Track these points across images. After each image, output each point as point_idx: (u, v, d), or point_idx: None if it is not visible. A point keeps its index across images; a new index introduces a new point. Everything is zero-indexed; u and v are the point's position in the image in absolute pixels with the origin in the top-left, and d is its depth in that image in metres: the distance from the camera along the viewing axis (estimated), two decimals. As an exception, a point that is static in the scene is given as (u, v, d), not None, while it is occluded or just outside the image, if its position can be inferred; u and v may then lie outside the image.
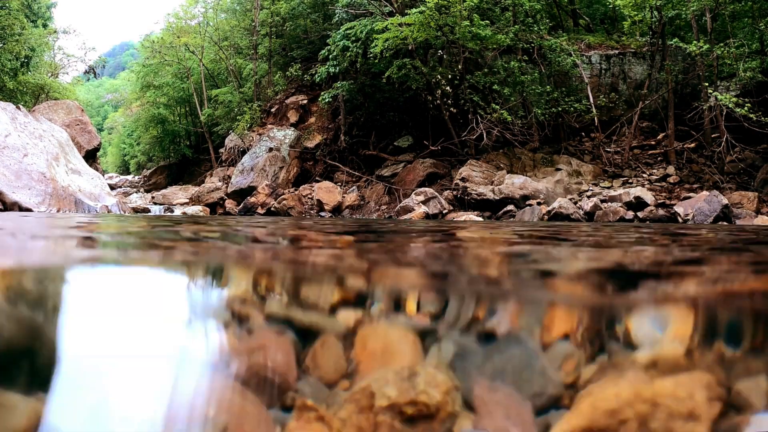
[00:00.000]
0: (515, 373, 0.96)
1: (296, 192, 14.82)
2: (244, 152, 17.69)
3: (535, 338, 1.10)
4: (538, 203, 11.38)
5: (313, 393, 0.91)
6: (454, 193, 12.61)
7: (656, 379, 0.91)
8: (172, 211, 14.42)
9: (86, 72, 27.55)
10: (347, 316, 1.21)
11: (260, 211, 14.01)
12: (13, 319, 1.08)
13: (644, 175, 12.53)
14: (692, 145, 12.77)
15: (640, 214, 10.52)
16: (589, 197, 11.69)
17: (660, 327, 1.16)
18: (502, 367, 0.99)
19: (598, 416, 0.76)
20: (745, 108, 10.53)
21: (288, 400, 0.84)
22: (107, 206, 11.79)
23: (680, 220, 9.94)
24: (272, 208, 13.82)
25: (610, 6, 14.67)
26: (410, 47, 13.41)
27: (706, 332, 1.16)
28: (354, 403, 0.80)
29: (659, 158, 13.18)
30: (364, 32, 14.08)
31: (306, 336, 1.07)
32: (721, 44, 11.62)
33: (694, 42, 11.53)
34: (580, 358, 1.04)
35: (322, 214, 13.61)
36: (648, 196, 10.83)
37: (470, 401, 0.87)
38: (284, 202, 13.75)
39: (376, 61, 13.72)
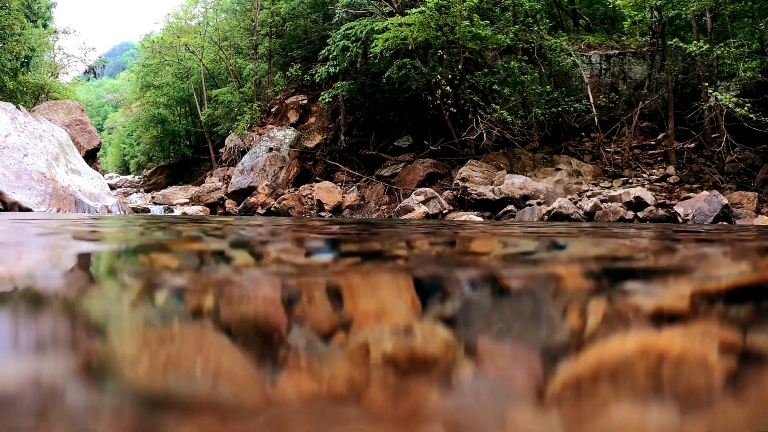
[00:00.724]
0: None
1: (296, 192, 14.82)
2: (244, 152, 17.70)
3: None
4: (538, 203, 11.38)
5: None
6: (454, 193, 12.61)
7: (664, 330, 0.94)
8: (172, 211, 14.43)
9: (86, 72, 27.56)
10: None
11: (260, 211, 14.01)
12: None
13: (644, 175, 12.53)
14: (692, 145, 12.77)
15: (640, 214, 10.52)
16: (589, 197, 11.69)
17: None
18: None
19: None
20: (745, 108, 10.53)
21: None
22: (107, 206, 11.79)
23: (680, 220, 9.94)
24: (272, 208, 13.82)
25: (610, 6, 14.67)
26: (410, 47, 13.41)
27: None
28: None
29: (659, 158, 13.18)
30: (364, 32, 14.08)
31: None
32: (721, 44, 11.63)
33: (694, 42, 11.53)
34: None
35: (322, 214, 13.61)
36: (648, 196, 10.83)
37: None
38: (284, 202, 13.75)
39: (376, 61, 13.72)
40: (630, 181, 12.43)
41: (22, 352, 0.84)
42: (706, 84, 11.81)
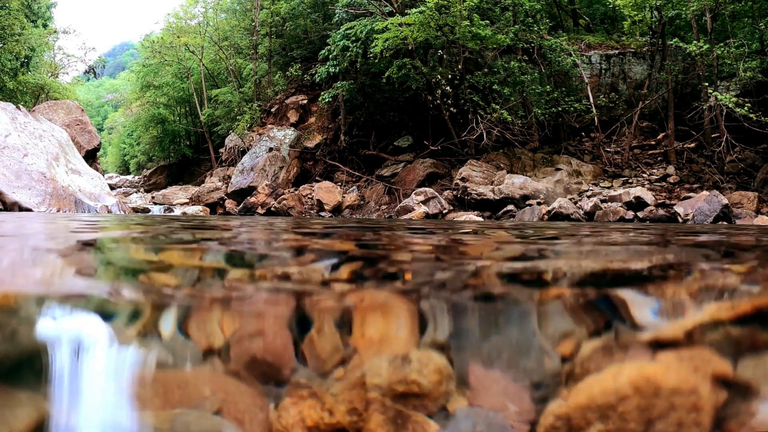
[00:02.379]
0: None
1: (296, 192, 14.82)
2: (244, 152, 17.70)
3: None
4: (538, 203, 11.39)
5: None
6: (454, 193, 12.61)
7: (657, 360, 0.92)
8: (172, 211, 14.43)
9: (86, 72, 27.57)
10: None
11: (260, 211, 14.02)
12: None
13: (644, 175, 12.53)
14: (692, 145, 12.77)
15: (640, 214, 10.52)
16: (589, 197, 11.69)
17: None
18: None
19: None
20: (745, 108, 10.54)
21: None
22: (107, 206, 11.79)
23: (680, 220, 9.94)
24: (272, 208, 13.82)
25: (610, 6, 14.68)
26: (410, 47, 13.41)
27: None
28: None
29: (659, 158, 13.18)
30: (364, 32, 14.08)
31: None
32: (721, 44, 11.63)
33: (694, 42, 11.53)
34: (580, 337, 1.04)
35: (322, 214, 13.61)
36: (648, 196, 10.83)
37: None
38: (284, 202, 13.75)
39: (376, 61, 13.72)
40: (630, 181, 12.43)
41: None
42: (706, 84, 11.81)
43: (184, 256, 2.19)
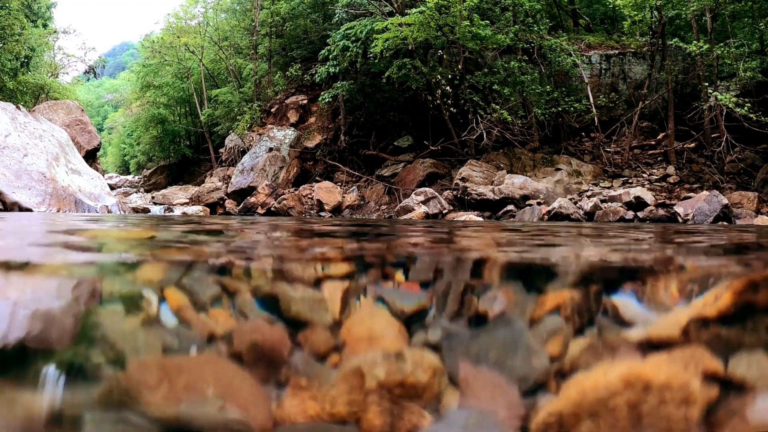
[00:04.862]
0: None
1: (296, 192, 14.82)
2: (244, 152, 17.70)
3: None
4: (538, 203, 11.39)
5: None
6: (454, 193, 12.61)
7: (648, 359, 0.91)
8: (172, 211, 14.42)
9: (86, 72, 27.58)
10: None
11: (260, 211, 14.01)
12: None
13: (644, 175, 12.53)
14: (692, 145, 12.77)
15: (640, 214, 10.52)
16: (589, 197, 11.69)
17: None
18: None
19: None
20: (745, 108, 10.53)
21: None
22: (107, 206, 11.78)
23: (680, 220, 9.94)
24: (272, 208, 13.82)
25: (610, 6, 14.68)
26: (410, 47, 13.41)
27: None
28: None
29: (659, 158, 13.18)
30: (364, 32, 14.08)
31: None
32: (721, 44, 11.62)
33: (694, 42, 11.53)
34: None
35: (322, 214, 13.61)
36: (648, 196, 10.83)
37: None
38: (284, 202, 13.75)
39: (376, 61, 13.72)
40: (630, 181, 12.43)
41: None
42: (706, 84, 11.81)
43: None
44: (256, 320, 1.20)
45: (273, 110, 18.80)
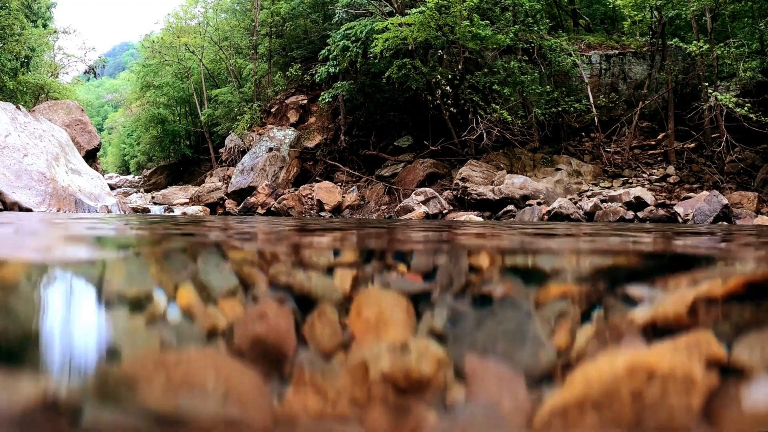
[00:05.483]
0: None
1: (296, 192, 14.82)
2: (244, 152, 17.70)
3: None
4: (538, 203, 11.39)
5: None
6: (454, 193, 12.61)
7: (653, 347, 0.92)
8: (172, 211, 14.43)
9: (86, 72, 27.58)
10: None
11: (260, 211, 14.02)
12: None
13: (644, 175, 12.53)
14: (692, 145, 12.77)
15: (640, 214, 10.52)
16: (589, 197, 11.69)
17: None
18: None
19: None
20: (745, 108, 10.54)
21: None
22: (107, 206, 11.79)
23: (680, 220, 9.94)
24: (272, 208, 13.82)
25: (610, 6, 14.68)
26: (410, 47, 13.41)
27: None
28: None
29: (659, 158, 13.18)
30: (364, 32, 14.09)
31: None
32: (721, 44, 11.63)
33: (694, 42, 11.53)
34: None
35: (322, 214, 13.61)
36: (648, 196, 10.83)
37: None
38: (284, 202, 13.75)
39: (376, 61, 13.72)
40: (630, 181, 12.43)
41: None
42: (706, 84, 11.81)
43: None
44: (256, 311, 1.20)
45: (273, 110, 18.81)
